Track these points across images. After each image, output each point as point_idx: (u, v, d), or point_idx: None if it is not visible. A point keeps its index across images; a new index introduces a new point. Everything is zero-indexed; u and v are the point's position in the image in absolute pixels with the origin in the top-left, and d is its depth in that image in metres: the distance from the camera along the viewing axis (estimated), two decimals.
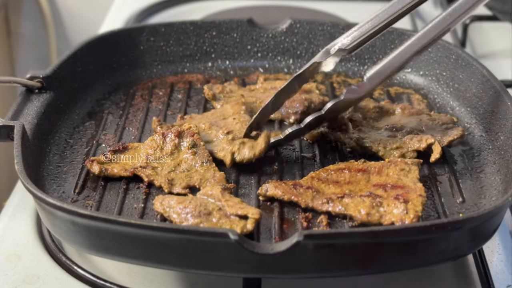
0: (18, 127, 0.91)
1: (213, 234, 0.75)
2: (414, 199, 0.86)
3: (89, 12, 2.18)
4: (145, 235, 0.76)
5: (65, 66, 1.10)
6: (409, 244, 0.77)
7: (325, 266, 0.78)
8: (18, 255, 0.92)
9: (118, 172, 0.95)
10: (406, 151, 0.99)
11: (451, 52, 1.15)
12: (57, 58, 1.88)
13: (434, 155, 0.98)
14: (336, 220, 0.87)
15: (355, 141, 1.01)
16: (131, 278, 0.90)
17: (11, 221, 0.99)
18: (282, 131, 1.02)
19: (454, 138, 1.01)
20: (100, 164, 0.95)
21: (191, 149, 0.97)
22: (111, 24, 1.59)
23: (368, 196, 0.87)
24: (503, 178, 0.93)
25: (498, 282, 0.88)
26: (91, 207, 0.91)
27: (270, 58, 1.27)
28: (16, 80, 1.04)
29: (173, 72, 1.24)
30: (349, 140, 1.01)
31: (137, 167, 0.95)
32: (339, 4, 1.68)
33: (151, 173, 0.94)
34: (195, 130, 0.98)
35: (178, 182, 0.93)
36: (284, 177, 0.96)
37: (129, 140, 1.05)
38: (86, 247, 0.82)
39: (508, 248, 0.95)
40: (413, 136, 1.00)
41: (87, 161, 0.96)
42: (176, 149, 0.97)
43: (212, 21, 1.27)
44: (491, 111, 1.03)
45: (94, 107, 1.13)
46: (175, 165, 0.96)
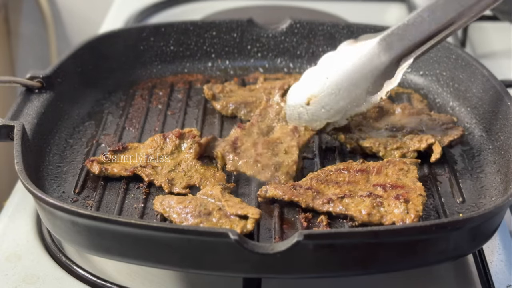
0: (18, 127, 0.91)
1: (213, 234, 0.75)
2: (415, 199, 0.86)
3: (89, 12, 2.18)
4: (145, 235, 0.76)
5: (65, 66, 1.10)
6: (409, 244, 0.77)
7: (325, 266, 0.78)
8: (18, 255, 0.92)
9: (118, 172, 0.95)
10: (406, 151, 0.99)
11: (451, 52, 1.15)
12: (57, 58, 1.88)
13: (435, 155, 0.98)
14: (336, 220, 0.87)
15: (355, 141, 1.01)
16: (131, 278, 0.90)
17: (11, 221, 0.99)
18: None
19: (454, 138, 1.01)
20: (100, 164, 0.95)
21: (192, 149, 0.97)
22: (111, 24, 1.59)
23: (368, 196, 0.87)
24: (503, 178, 0.93)
25: (498, 282, 0.88)
26: (91, 207, 0.91)
27: (270, 58, 1.27)
28: (16, 80, 1.04)
29: (173, 72, 1.24)
30: (350, 140, 1.01)
31: (137, 167, 0.95)
32: (339, 4, 1.68)
33: (151, 172, 0.94)
34: (196, 133, 0.98)
35: (178, 181, 0.93)
36: None
37: (129, 140, 1.05)
38: (86, 247, 0.82)
39: (508, 248, 0.95)
40: (413, 136, 1.00)
41: (87, 161, 0.96)
42: (176, 149, 0.97)
43: (212, 21, 1.27)
44: (491, 111, 1.03)
45: (94, 107, 1.13)
46: (175, 164, 0.96)
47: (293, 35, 1.26)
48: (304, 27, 1.26)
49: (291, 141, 0.98)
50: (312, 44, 1.26)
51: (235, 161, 0.94)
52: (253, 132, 1.00)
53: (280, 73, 1.24)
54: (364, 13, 1.63)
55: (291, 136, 0.99)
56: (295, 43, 1.26)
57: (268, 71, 1.25)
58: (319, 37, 1.25)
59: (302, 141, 0.98)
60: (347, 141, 1.01)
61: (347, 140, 1.01)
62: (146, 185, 0.93)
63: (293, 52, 1.26)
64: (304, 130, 1.00)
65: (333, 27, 1.25)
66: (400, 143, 0.99)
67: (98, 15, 1.88)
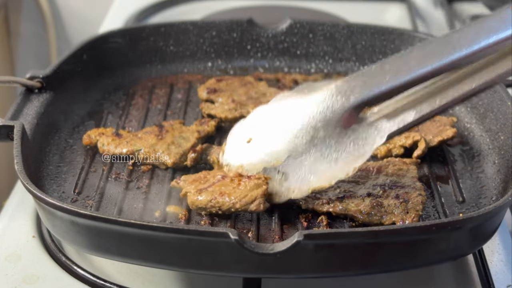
0: (18, 127, 0.91)
1: (213, 234, 0.75)
2: (414, 199, 0.86)
3: (89, 12, 2.18)
4: (145, 235, 0.76)
5: (65, 66, 1.10)
6: (409, 244, 0.77)
7: (325, 266, 0.78)
8: (18, 255, 0.92)
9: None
10: (393, 146, 0.99)
11: None
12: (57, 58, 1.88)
13: (417, 151, 0.98)
14: (336, 220, 0.87)
15: None
16: (131, 278, 0.90)
17: (11, 221, 0.99)
18: None
19: (444, 138, 1.01)
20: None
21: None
22: (111, 24, 1.59)
23: (368, 196, 0.87)
24: (503, 178, 0.93)
25: (498, 282, 0.88)
26: (91, 207, 0.91)
27: (270, 58, 1.27)
28: (16, 80, 1.04)
29: (173, 72, 1.24)
30: None
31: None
32: (339, 4, 1.68)
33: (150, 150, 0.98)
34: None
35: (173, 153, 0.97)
36: None
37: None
38: (86, 247, 0.82)
39: (508, 248, 0.95)
40: None
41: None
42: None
43: (212, 21, 1.27)
44: (491, 111, 1.03)
45: (94, 107, 1.13)
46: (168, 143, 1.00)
47: (293, 35, 1.26)
48: (304, 27, 1.26)
49: None
50: (312, 44, 1.26)
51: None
52: None
53: (280, 73, 1.24)
54: (364, 13, 1.63)
55: None
56: (295, 43, 1.26)
57: (268, 71, 1.25)
58: (319, 37, 1.25)
59: None
60: None
61: None
62: (146, 185, 0.94)
63: (293, 52, 1.26)
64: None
65: (333, 27, 1.25)
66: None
67: (98, 15, 1.88)
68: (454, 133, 1.02)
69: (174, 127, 1.03)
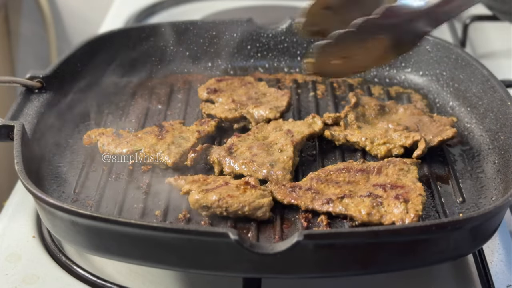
0: (18, 127, 0.91)
1: (214, 234, 0.75)
2: (414, 199, 0.86)
3: (89, 12, 2.18)
4: (145, 235, 0.76)
5: (65, 66, 1.10)
6: (409, 244, 0.77)
7: (325, 266, 0.78)
8: (18, 255, 0.92)
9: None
10: (393, 146, 0.99)
11: (451, 52, 1.15)
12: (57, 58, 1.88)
13: (417, 151, 0.98)
14: (336, 220, 0.87)
15: (343, 138, 1.01)
16: (131, 278, 0.90)
17: (11, 221, 0.99)
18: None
19: (444, 138, 1.01)
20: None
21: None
22: (111, 24, 1.59)
23: (368, 196, 0.87)
24: (503, 178, 0.93)
25: (498, 282, 0.88)
26: (91, 207, 0.91)
27: (270, 58, 1.27)
28: (16, 80, 1.04)
29: (173, 72, 1.24)
30: (338, 136, 1.01)
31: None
32: None
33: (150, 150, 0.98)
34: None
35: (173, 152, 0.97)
36: None
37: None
38: (86, 247, 0.82)
39: (508, 248, 0.95)
40: (402, 132, 1.00)
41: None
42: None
43: (212, 21, 1.27)
44: (491, 111, 1.03)
45: (94, 107, 1.13)
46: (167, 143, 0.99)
47: (293, 35, 1.26)
48: None
49: (285, 141, 0.98)
50: (312, 44, 1.25)
51: (231, 163, 0.95)
52: (249, 139, 1.01)
53: (280, 73, 1.24)
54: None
55: (285, 137, 0.99)
56: (295, 43, 1.26)
57: (268, 71, 1.25)
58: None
59: (296, 139, 0.99)
60: (334, 138, 1.01)
61: (334, 136, 1.01)
62: (146, 185, 0.94)
63: (293, 52, 1.26)
64: (298, 131, 1.00)
65: None
66: (387, 139, 1.00)
67: (98, 15, 1.88)
68: (454, 133, 1.02)
69: (174, 127, 1.03)
